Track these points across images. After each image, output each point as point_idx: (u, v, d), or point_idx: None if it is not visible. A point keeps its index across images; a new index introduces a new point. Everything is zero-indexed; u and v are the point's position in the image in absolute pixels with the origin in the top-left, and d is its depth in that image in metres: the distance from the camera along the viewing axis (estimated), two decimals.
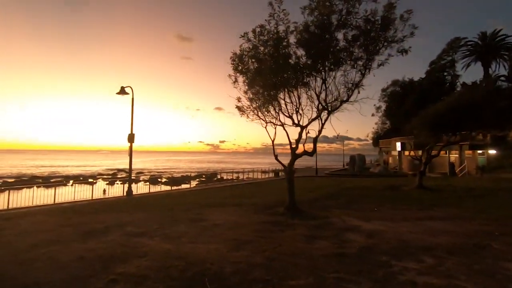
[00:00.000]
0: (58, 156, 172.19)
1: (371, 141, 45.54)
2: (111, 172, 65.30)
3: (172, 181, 27.32)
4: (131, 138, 12.28)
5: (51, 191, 16.31)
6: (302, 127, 7.24)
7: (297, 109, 7.06)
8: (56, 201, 14.47)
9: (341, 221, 6.73)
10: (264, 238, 5.21)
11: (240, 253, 4.35)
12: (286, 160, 7.75)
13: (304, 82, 6.54)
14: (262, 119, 7.63)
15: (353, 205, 8.94)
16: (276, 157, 8.11)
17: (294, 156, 7.44)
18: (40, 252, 4.41)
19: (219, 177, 35.20)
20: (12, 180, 45.25)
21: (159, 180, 29.51)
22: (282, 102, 7.11)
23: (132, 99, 12.75)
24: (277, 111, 7.37)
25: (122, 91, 12.57)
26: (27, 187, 20.39)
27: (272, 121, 7.54)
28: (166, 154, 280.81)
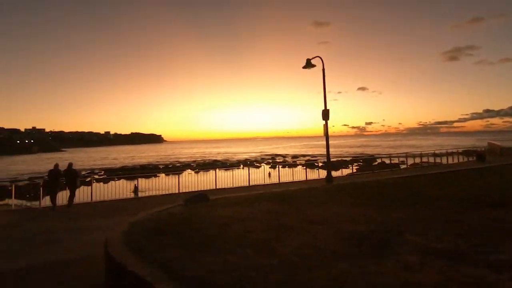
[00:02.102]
0: (223, 144, 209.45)
1: None
2: (269, 157, 71.84)
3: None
4: (325, 114, 10.63)
5: (232, 172, 17.53)
6: None
7: None
8: (251, 184, 15.13)
9: None
10: None
11: None
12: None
13: None
14: None
15: None
16: None
17: None
18: (327, 273, 2.79)
19: (379, 161, 30.56)
20: (201, 164, 57.14)
21: (316, 164, 28.41)
22: None
23: (323, 69, 11.05)
24: None
25: (309, 64, 11.09)
26: (212, 169, 23.78)
27: None
28: (312, 139, 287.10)
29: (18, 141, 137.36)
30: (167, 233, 4.30)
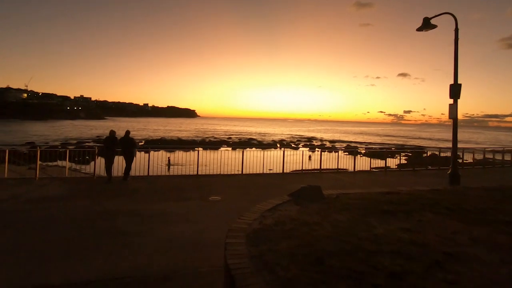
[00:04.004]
0: (255, 123, 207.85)
1: None
2: (305, 140, 69.06)
3: (372, 154, 22.72)
4: (456, 91, 7.98)
5: (286, 153, 15.43)
6: None
7: None
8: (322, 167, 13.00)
9: None
10: None
11: None
12: None
13: None
14: None
15: None
16: None
17: None
18: None
19: (430, 153, 26.69)
20: (236, 141, 56.43)
21: (359, 151, 25.52)
22: None
23: (456, 29, 8.24)
24: None
25: (427, 25, 8.37)
26: (249, 148, 22.20)
27: None
28: (345, 124, 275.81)
29: (68, 107, 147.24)
30: (336, 276, 2.37)
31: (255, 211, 4.17)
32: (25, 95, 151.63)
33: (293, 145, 55.65)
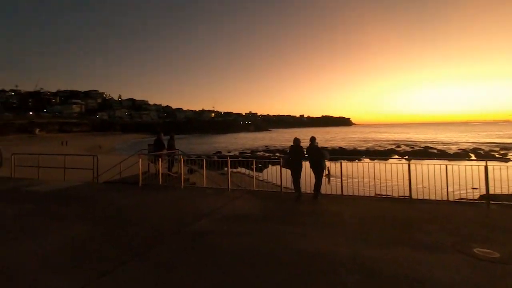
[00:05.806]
0: (423, 129, 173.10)
1: None
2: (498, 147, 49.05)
3: None
4: None
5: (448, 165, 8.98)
6: None
7: None
8: None
9: None
10: None
11: None
12: None
13: None
14: None
15: None
16: None
17: None
18: None
19: None
20: (408, 151, 47.41)
21: None
22: None
23: None
24: None
25: None
26: (428, 158, 18.44)
27: None
28: None
29: (241, 122, 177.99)
30: None
31: None
32: (213, 114, 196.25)
33: (497, 155, 40.55)
